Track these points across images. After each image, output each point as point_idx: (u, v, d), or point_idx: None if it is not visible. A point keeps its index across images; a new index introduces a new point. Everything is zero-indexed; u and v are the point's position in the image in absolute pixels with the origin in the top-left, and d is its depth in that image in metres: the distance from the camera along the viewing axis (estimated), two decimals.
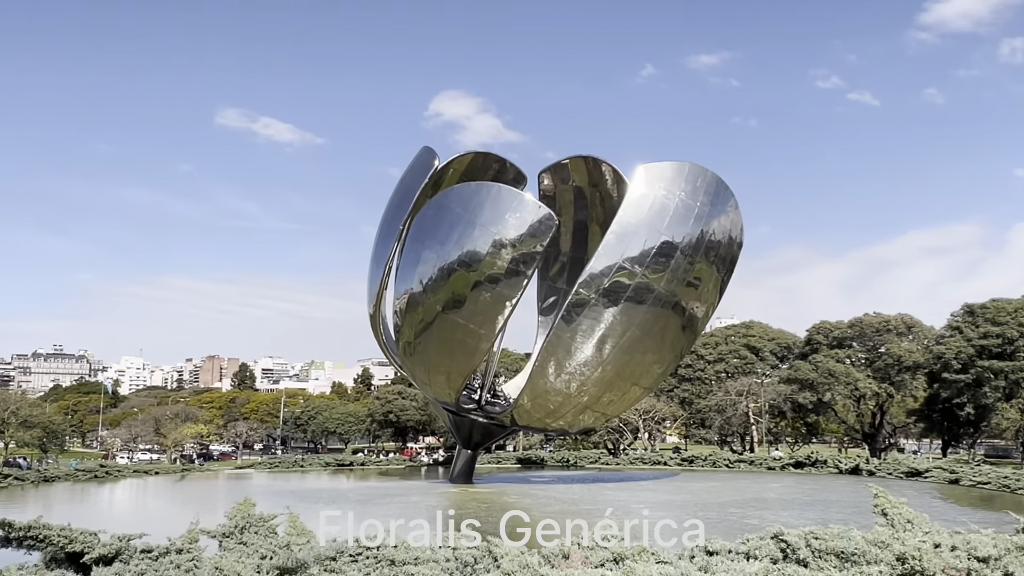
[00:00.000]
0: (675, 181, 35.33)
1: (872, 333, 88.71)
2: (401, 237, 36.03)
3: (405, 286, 35.27)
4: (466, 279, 33.19)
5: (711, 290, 37.92)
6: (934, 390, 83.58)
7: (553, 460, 67.49)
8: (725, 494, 37.15)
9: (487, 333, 34.28)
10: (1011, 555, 7.03)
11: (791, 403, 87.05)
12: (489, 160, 41.50)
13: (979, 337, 79.12)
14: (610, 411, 43.09)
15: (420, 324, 35.15)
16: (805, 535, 7.27)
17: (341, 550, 9.79)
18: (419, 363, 37.42)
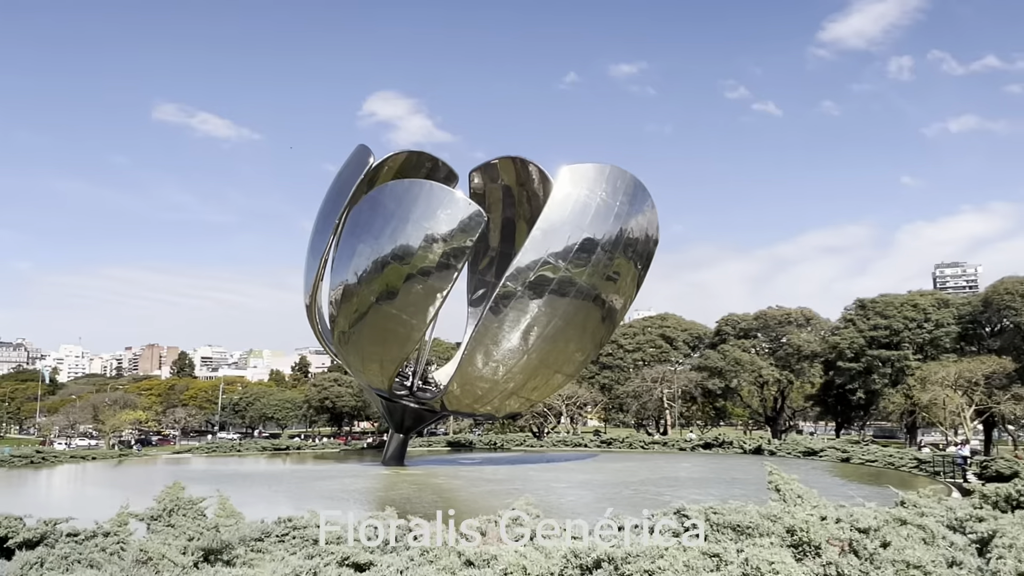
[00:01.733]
0: (597, 182, 35.76)
1: (775, 325, 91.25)
2: (337, 231, 35.66)
3: (340, 278, 34.94)
4: (399, 272, 33.04)
5: (629, 284, 38.51)
6: (829, 377, 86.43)
7: (481, 443, 67.68)
8: (640, 473, 37.83)
9: (419, 323, 34.18)
10: (889, 526, 7.36)
11: (701, 389, 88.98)
12: (422, 159, 41.32)
13: (869, 329, 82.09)
14: (535, 397, 43.40)
15: (355, 314, 34.86)
16: (705, 510, 7.49)
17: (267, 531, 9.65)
18: (353, 351, 37.09)
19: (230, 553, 8.96)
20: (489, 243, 44.69)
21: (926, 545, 7.45)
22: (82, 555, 9.81)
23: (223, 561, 8.92)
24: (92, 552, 9.85)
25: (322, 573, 6.93)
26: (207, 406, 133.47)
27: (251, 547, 9.25)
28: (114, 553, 9.94)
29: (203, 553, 9.05)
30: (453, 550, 7.46)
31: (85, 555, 9.79)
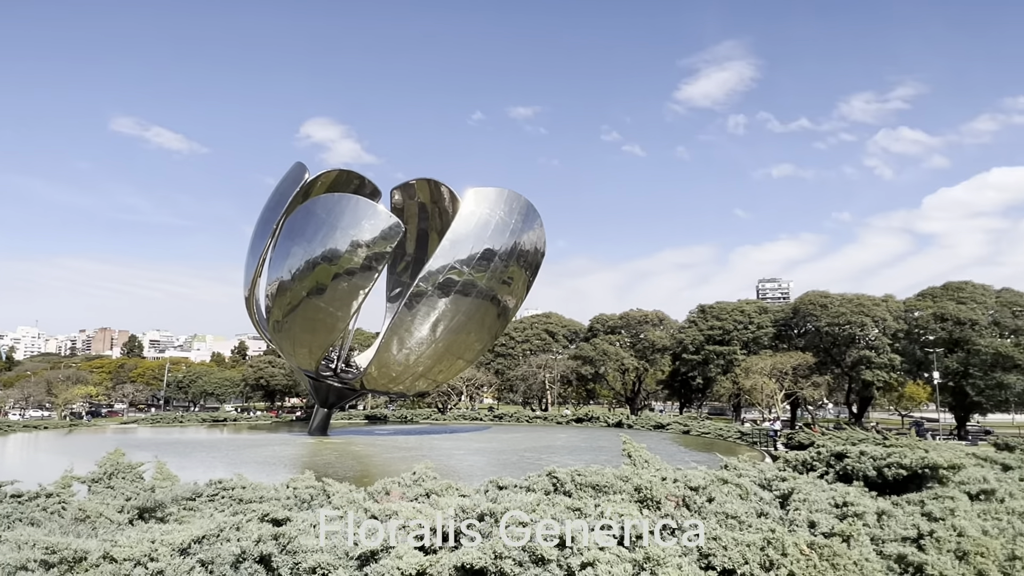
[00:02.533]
0: (497, 202, 35.87)
1: (635, 324, 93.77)
2: (274, 235, 34.50)
3: (276, 275, 33.78)
4: (327, 271, 32.24)
5: (520, 287, 38.76)
6: (676, 366, 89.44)
7: (394, 417, 66.59)
8: (525, 442, 38.03)
9: (343, 315, 33.39)
10: (714, 485, 7.59)
11: (576, 374, 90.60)
12: (351, 176, 40.42)
13: (707, 328, 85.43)
14: (440, 378, 43.07)
15: (288, 306, 33.75)
16: (571, 473, 7.55)
17: (199, 492, 9.21)
18: (286, 338, 35.87)
19: (163, 511, 8.49)
20: (406, 250, 44.24)
21: (742, 500, 7.76)
22: (23, 514, 9.06)
23: (156, 518, 8.43)
24: (33, 511, 9.11)
25: (244, 527, 6.63)
26: (154, 383, 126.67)
27: (183, 506, 8.78)
28: (54, 512, 9.22)
29: (138, 512, 8.54)
30: (361, 507, 7.27)
31: (27, 514, 9.04)
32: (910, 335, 75.91)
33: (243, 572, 6.09)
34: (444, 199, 41.80)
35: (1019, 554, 7.26)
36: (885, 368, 73.96)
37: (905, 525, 7.51)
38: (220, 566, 6.13)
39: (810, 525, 7.30)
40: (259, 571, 6.11)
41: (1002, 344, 70.20)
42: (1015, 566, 7.15)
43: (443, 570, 5.81)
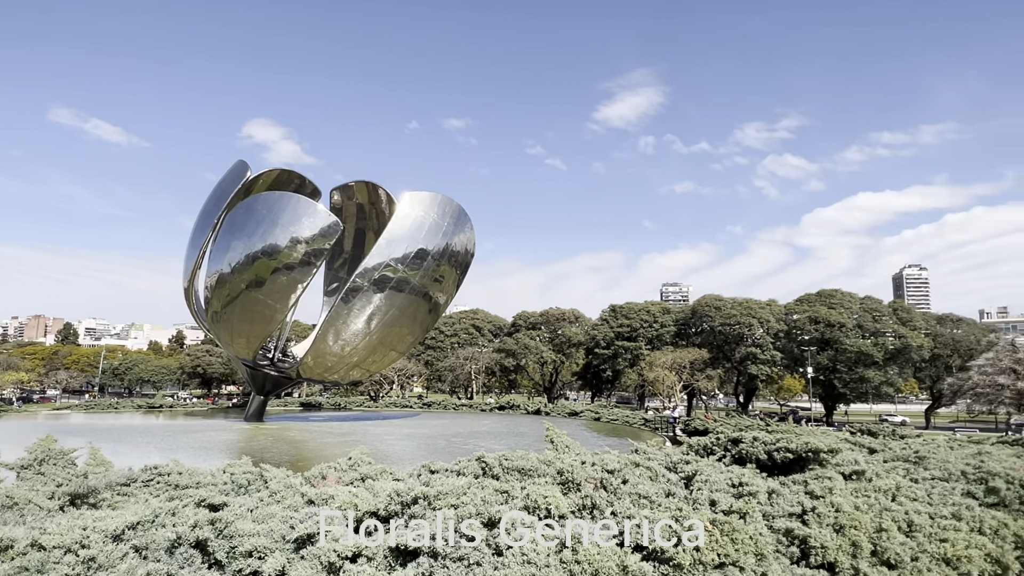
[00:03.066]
0: (431, 206, 35.36)
1: (554, 320, 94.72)
2: (215, 228, 32.87)
3: (216, 267, 32.18)
4: (267, 265, 30.96)
5: (451, 285, 38.40)
6: (589, 359, 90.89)
7: (328, 404, 64.71)
8: (452, 428, 37.69)
9: (281, 307, 32.19)
10: (628, 468, 7.62)
11: (500, 366, 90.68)
12: (292, 176, 38.99)
13: (617, 326, 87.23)
14: (373, 368, 42.16)
15: (227, 298, 32.21)
16: (499, 458, 7.44)
17: (133, 478, 8.56)
18: (224, 328, 34.25)
19: (96, 498, 7.82)
20: (344, 247, 43.09)
21: (652, 481, 7.85)
22: None
23: (89, 505, 7.77)
24: None
25: (179, 513, 6.18)
26: (88, 370, 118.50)
27: (117, 492, 8.11)
28: None
29: (70, 498, 7.82)
30: (298, 491, 6.92)
31: None
32: (789, 335, 79.82)
33: (178, 557, 5.67)
34: (381, 201, 40.96)
35: (885, 526, 7.65)
36: (768, 363, 77.56)
37: (791, 503, 7.78)
38: (155, 552, 5.69)
39: (711, 504, 7.46)
40: (195, 556, 5.71)
41: (864, 344, 74.84)
42: (882, 536, 7.53)
43: (378, 551, 5.59)
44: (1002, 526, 8.47)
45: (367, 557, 5.52)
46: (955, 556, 7.80)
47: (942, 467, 10.51)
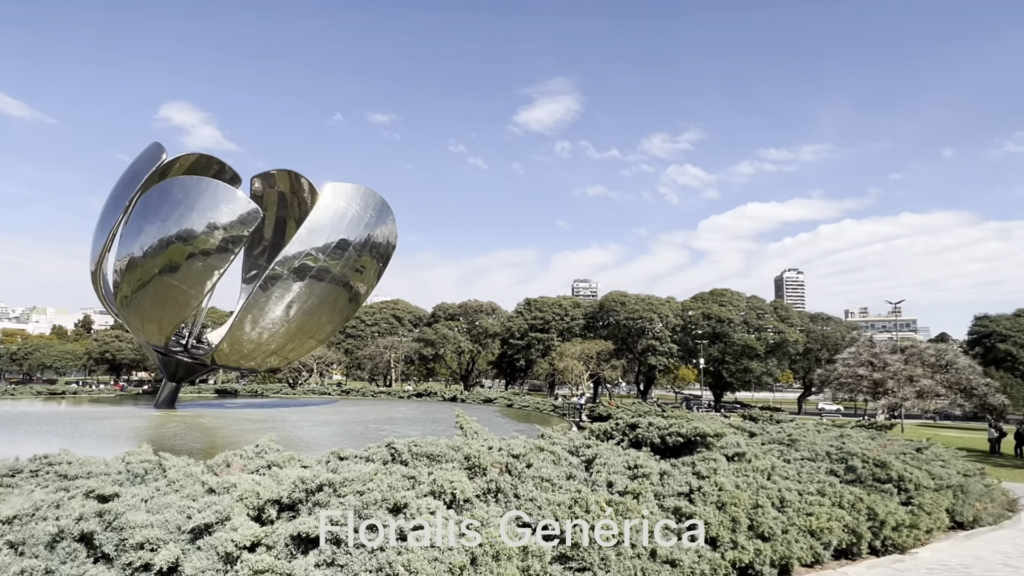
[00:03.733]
0: (353, 197, 34.21)
1: (472, 312, 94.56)
2: (127, 211, 30.45)
3: (127, 251, 29.81)
4: (182, 250, 29.00)
5: (372, 276, 37.38)
6: (504, 350, 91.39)
7: (245, 391, 61.60)
8: (370, 414, 36.81)
9: (197, 293, 30.25)
10: (532, 452, 7.58)
11: (419, 355, 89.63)
12: (211, 161, 36.66)
13: (531, 318, 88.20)
14: (292, 356, 40.49)
15: (138, 282, 29.94)
16: (408, 444, 7.21)
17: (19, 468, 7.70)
18: (135, 314, 31.84)
19: None
20: (264, 235, 41.01)
21: (555, 465, 7.86)
22: None
23: None
24: None
25: (64, 505, 5.58)
26: None
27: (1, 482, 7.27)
28: None
29: None
30: (198, 480, 6.43)
31: None
32: (685, 329, 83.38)
33: (60, 552, 5.11)
34: (304, 190, 39.32)
35: (761, 503, 8.02)
36: (665, 355, 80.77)
37: (680, 483, 8.01)
38: (33, 547, 5.10)
39: (608, 485, 7.55)
40: (79, 550, 5.16)
41: (748, 338, 79.32)
42: (758, 512, 7.89)
43: (279, 539, 5.26)
44: (858, 500, 9.09)
45: (267, 546, 5.18)
46: (819, 528, 8.30)
47: (810, 448, 11.17)
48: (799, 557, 7.86)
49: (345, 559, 5.17)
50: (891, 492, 9.89)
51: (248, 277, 41.74)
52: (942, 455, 12.98)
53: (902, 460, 11.09)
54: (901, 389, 43.51)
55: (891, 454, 11.39)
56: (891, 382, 44.09)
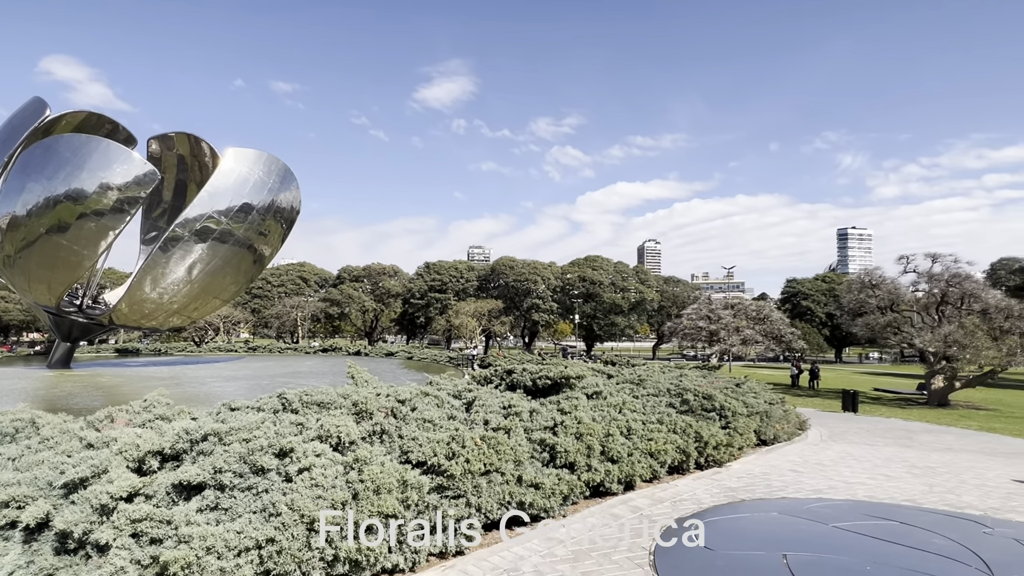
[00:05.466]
0: (256, 163, 31.46)
1: (375, 274, 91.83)
2: (6, 167, 26.18)
3: (7, 209, 25.75)
4: (72, 210, 25.48)
5: (276, 239, 34.86)
6: (405, 308, 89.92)
7: (148, 350, 56.04)
8: (276, 369, 34.87)
9: (90, 254, 26.84)
10: (417, 397, 7.48)
11: (325, 313, 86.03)
12: (102, 120, 32.19)
13: (430, 280, 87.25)
14: (195, 315, 37.17)
15: (22, 242, 26.03)
16: (299, 393, 6.85)
17: None
18: (20, 274, 27.78)
19: None
20: (163, 197, 36.91)
21: (438, 407, 7.81)
22: None
23: None
24: None
25: None
26: None
27: None
28: None
29: None
30: (76, 436, 5.72)
31: None
32: (563, 290, 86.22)
33: None
34: (205, 154, 35.61)
35: (612, 432, 8.48)
36: (547, 312, 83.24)
37: (547, 419, 8.26)
38: None
39: (485, 423, 7.63)
40: None
41: (615, 297, 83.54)
42: (609, 440, 8.34)
43: (159, 489, 4.81)
44: (688, 426, 9.88)
45: (145, 496, 4.72)
46: (657, 450, 8.94)
47: (655, 386, 11.94)
48: (640, 475, 8.44)
49: (230, 502, 4.84)
50: (714, 419, 10.85)
51: (148, 239, 37.57)
52: (754, 388, 14.42)
53: (724, 393, 12.17)
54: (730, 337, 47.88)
55: (716, 389, 12.47)
56: (723, 332, 48.37)
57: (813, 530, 6.67)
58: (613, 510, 7.34)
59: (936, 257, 29.91)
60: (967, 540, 6.39)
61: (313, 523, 4.70)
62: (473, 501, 6.01)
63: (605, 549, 6.02)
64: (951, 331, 26.36)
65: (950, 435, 15.08)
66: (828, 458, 11.01)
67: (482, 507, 6.09)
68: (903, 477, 9.49)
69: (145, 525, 4.29)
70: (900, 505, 7.77)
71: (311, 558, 4.66)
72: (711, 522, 6.93)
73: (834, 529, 6.70)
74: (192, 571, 4.10)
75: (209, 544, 4.22)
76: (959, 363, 26.09)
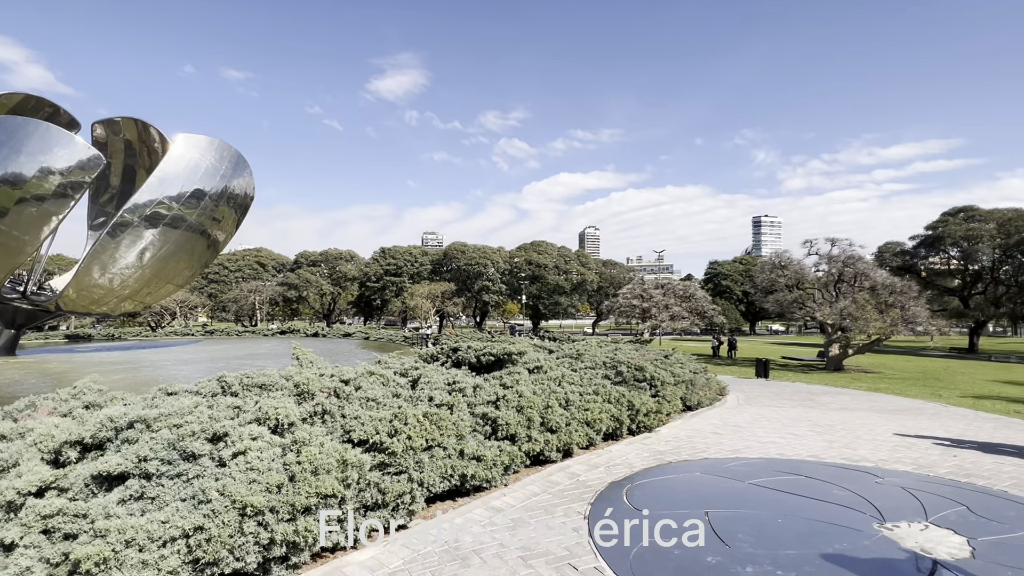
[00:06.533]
0: (207, 149, 29.23)
1: (332, 259, 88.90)
2: None
3: None
4: (10, 195, 22.94)
5: (231, 225, 32.78)
6: (362, 291, 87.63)
7: (101, 336, 52.08)
8: (233, 351, 33.03)
9: (31, 239, 24.28)
10: (363, 376, 7.05)
11: (283, 297, 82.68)
12: (42, 103, 29.05)
13: (386, 264, 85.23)
14: (148, 301, 34.64)
15: None
16: (240, 376, 6.29)
17: None
18: None
19: None
20: (111, 183, 33.90)
21: (383, 386, 7.41)
22: None
23: None
24: None
25: None
26: None
27: None
28: None
29: None
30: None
31: None
32: (512, 272, 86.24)
33: None
34: (153, 140, 32.85)
35: (551, 404, 8.33)
36: (496, 293, 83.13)
37: (489, 393, 8.01)
38: None
39: (429, 399, 7.30)
40: None
41: (559, 279, 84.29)
42: (548, 411, 8.18)
43: (76, 480, 4.23)
44: (621, 396, 9.88)
45: (59, 488, 4.14)
46: (593, 419, 8.88)
47: (592, 360, 11.91)
48: (578, 443, 8.35)
49: (156, 491, 4.32)
50: (645, 388, 10.92)
51: (96, 224, 34.54)
52: (681, 360, 14.70)
53: (654, 365, 12.30)
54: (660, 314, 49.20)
55: (647, 361, 12.58)
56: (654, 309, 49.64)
57: (732, 487, 6.75)
58: (552, 477, 7.20)
59: (835, 241, 31.54)
60: (862, 490, 6.62)
61: (246, 508, 4.26)
62: (415, 476, 5.69)
63: (543, 516, 5.86)
64: (846, 305, 27.93)
65: (845, 396, 15.94)
66: (744, 420, 11.34)
67: (424, 482, 5.78)
68: (808, 435, 9.86)
69: (57, 520, 3.74)
70: (806, 460, 8.02)
71: (244, 543, 4.23)
72: (641, 484, 6.90)
73: (750, 486, 6.80)
74: (109, 566, 3.60)
75: (129, 537, 3.72)
76: (852, 333, 27.70)
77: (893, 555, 4.81)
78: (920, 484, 6.84)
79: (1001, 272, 53.50)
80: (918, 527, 5.45)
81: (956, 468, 7.56)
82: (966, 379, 23.63)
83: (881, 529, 5.39)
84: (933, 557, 4.78)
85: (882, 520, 5.63)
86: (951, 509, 5.94)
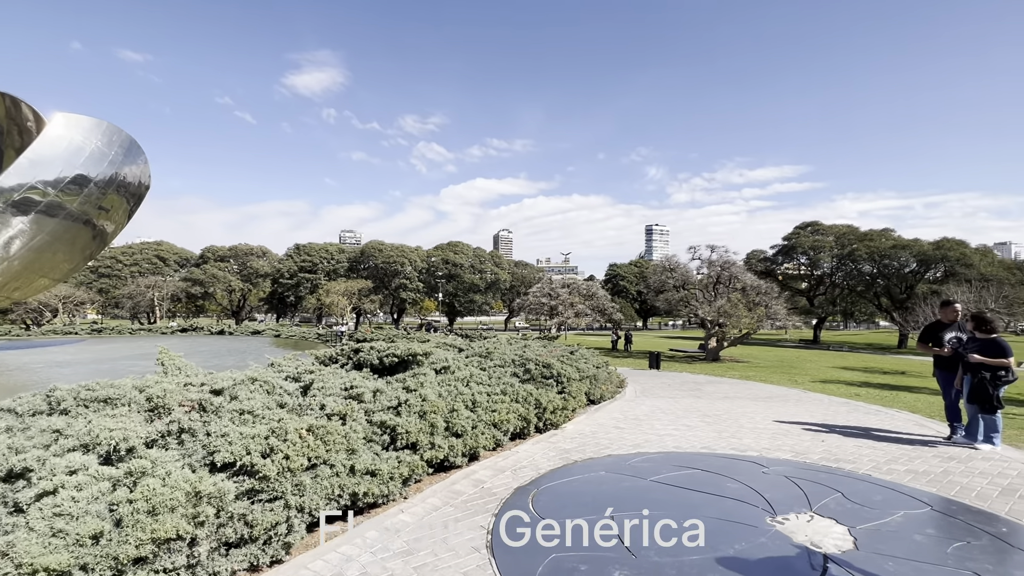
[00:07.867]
0: (92, 132, 24.91)
1: (243, 255, 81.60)
2: None
3: None
4: None
5: (121, 215, 28.29)
6: (275, 288, 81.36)
7: None
8: (124, 351, 28.83)
9: None
10: (241, 385, 5.75)
11: (187, 293, 74.35)
12: None
13: (301, 261, 79.72)
14: (16, 296, 29.07)
15: None
16: (78, 389, 4.84)
17: None
18: None
19: None
20: None
21: (268, 394, 6.18)
22: None
23: None
24: None
25: None
26: None
27: None
28: None
29: None
30: None
31: None
32: (429, 271, 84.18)
33: None
34: (27, 120, 27.36)
35: (456, 407, 7.51)
36: (414, 291, 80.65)
37: (391, 398, 7.04)
38: None
39: (321, 408, 6.19)
40: None
41: (474, 278, 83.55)
42: (454, 415, 7.36)
43: None
44: (529, 394, 9.29)
45: None
46: (500, 420, 8.18)
47: (501, 358, 11.25)
48: (484, 445, 7.60)
49: None
50: (552, 385, 10.45)
51: None
52: (585, 355, 14.51)
53: (561, 361, 11.90)
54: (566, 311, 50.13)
55: (554, 357, 12.17)
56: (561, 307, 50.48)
57: (635, 486, 6.36)
58: (455, 486, 6.39)
59: (714, 248, 33.72)
60: (752, 481, 6.51)
61: (36, 574, 3.01)
62: (293, 502, 4.61)
63: (443, 534, 5.04)
64: (722, 304, 29.89)
65: (725, 384, 16.69)
66: (643, 412, 11.26)
67: (305, 507, 4.72)
68: (699, 426, 9.90)
69: None
70: (700, 453, 7.90)
71: None
72: (547, 488, 6.31)
73: (651, 483, 6.45)
74: None
75: None
76: (727, 328, 29.69)
77: (788, 552, 4.57)
78: (800, 472, 6.88)
79: (837, 277, 60.89)
80: (805, 518, 5.32)
81: (826, 453, 7.78)
82: (813, 366, 26.11)
83: (774, 524, 5.19)
84: (823, 552, 4.59)
85: (773, 513, 5.46)
86: (829, 497, 5.94)
